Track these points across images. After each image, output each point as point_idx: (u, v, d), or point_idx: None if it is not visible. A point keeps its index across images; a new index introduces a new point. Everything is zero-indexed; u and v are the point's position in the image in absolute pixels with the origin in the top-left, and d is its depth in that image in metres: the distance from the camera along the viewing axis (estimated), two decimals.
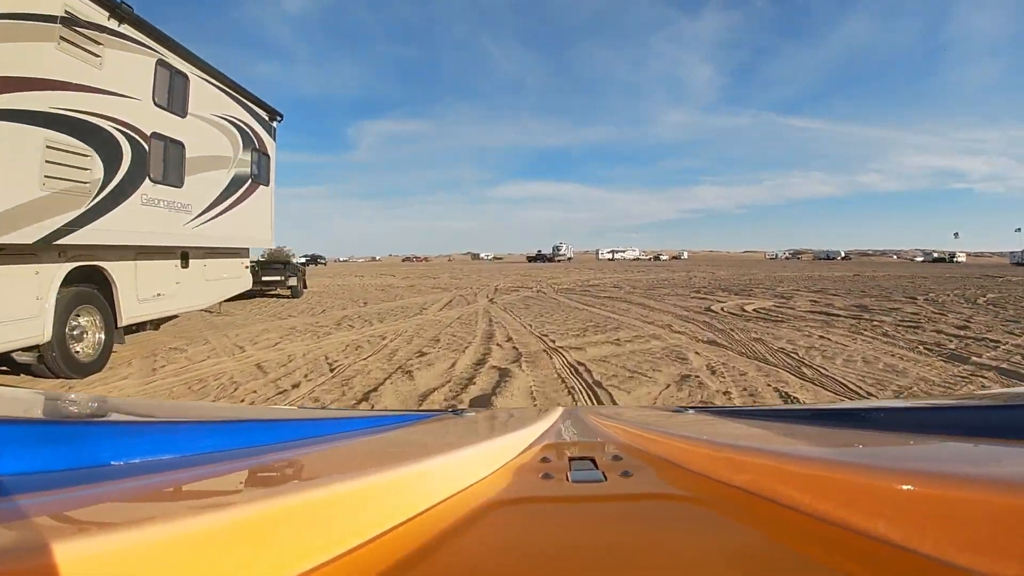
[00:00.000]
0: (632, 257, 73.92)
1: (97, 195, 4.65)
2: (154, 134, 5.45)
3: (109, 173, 4.77)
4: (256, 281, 10.34)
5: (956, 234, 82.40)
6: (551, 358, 5.22)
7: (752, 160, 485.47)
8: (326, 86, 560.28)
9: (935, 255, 60.42)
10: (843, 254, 75.72)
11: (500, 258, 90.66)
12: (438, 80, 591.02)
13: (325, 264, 51.69)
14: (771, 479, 0.46)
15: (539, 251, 68.65)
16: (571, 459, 0.63)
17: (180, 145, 5.95)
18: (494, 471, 0.58)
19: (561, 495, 0.52)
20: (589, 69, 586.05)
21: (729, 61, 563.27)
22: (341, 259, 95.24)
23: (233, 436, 0.66)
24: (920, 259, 62.87)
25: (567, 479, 0.55)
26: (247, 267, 8.50)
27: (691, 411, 1.20)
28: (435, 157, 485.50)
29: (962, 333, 6.21)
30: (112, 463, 0.46)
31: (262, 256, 13.07)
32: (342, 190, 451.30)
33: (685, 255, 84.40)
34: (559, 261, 61.76)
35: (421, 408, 3.60)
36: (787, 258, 79.58)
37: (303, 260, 54.34)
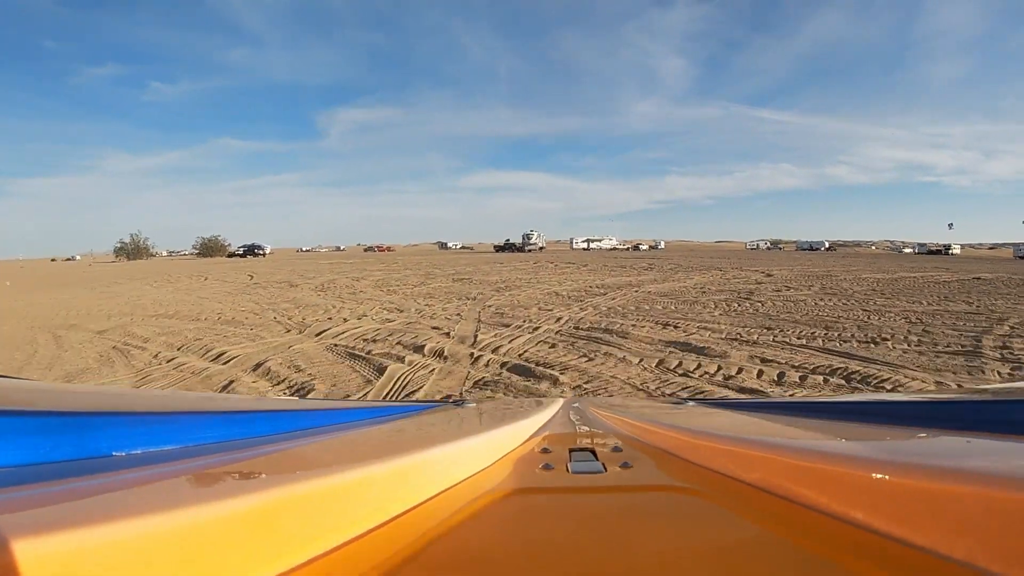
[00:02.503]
0: (609, 247, 70.51)
1: None
2: None
3: None
4: None
5: (951, 225, 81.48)
6: None
7: (722, 152, 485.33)
8: (297, 72, 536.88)
9: (929, 248, 58.02)
10: (827, 245, 73.43)
11: (469, 247, 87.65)
12: (409, 67, 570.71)
13: (264, 255, 47.85)
14: (770, 472, 0.46)
15: (507, 240, 64.87)
16: (571, 450, 0.64)
17: None
18: (494, 462, 0.60)
19: (561, 486, 0.52)
20: (561, 58, 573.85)
21: (700, 53, 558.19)
22: (304, 248, 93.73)
23: (233, 427, 0.66)
24: (909, 251, 60.66)
25: (567, 470, 0.56)
26: None
27: (691, 403, 1.27)
28: (406, 145, 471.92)
29: None
30: (112, 454, 0.45)
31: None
32: (311, 178, 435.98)
33: (662, 245, 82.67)
34: (529, 251, 57.73)
35: (422, 399, 3.69)
36: (768, 248, 77.22)
37: (240, 251, 44.22)
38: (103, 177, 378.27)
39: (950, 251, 54.00)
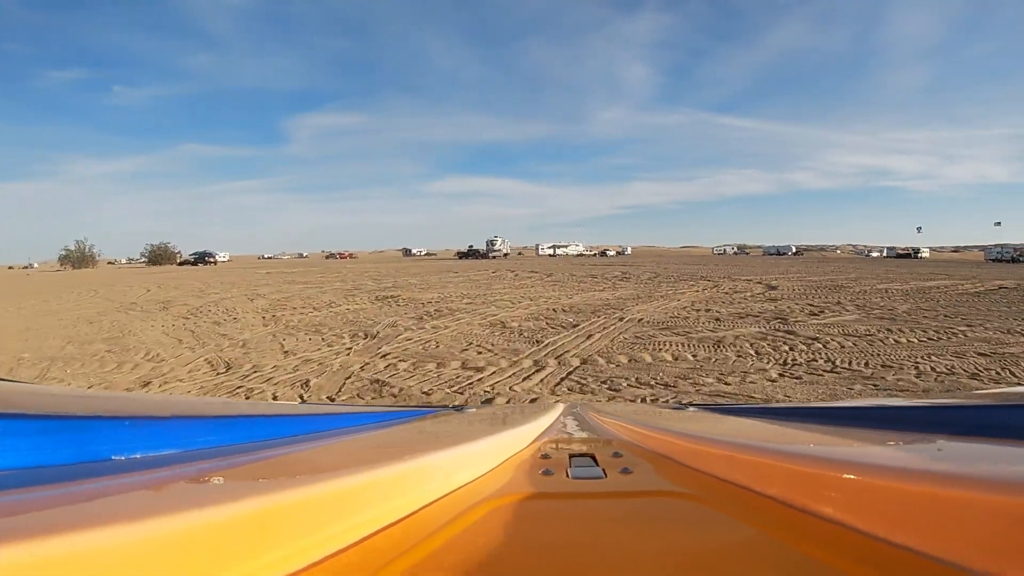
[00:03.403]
0: (576, 253, 68.74)
1: None
2: None
3: None
4: None
5: (919, 228, 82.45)
6: None
7: (687, 158, 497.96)
8: (263, 77, 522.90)
9: (898, 251, 57.85)
10: (794, 249, 73.31)
11: (434, 254, 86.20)
12: (376, 73, 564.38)
13: (215, 263, 46.02)
14: (771, 477, 0.46)
15: (471, 246, 62.67)
16: (571, 456, 0.64)
17: None
18: (494, 467, 0.60)
19: (561, 492, 0.52)
20: (528, 66, 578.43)
21: (665, 61, 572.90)
22: (266, 256, 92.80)
23: (234, 431, 0.66)
24: (876, 255, 60.50)
25: (567, 475, 0.56)
26: None
27: (691, 408, 1.19)
28: (373, 151, 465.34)
29: None
30: (111, 458, 0.45)
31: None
32: (277, 184, 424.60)
33: (628, 250, 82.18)
34: (494, 258, 54.89)
35: (422, 404, 3.65)
36: (735, 253, 76.96)
37: (191, 259, 43.83)
38: (65, 182, 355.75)
39: (919, 255, 53.80)
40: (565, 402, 1.70)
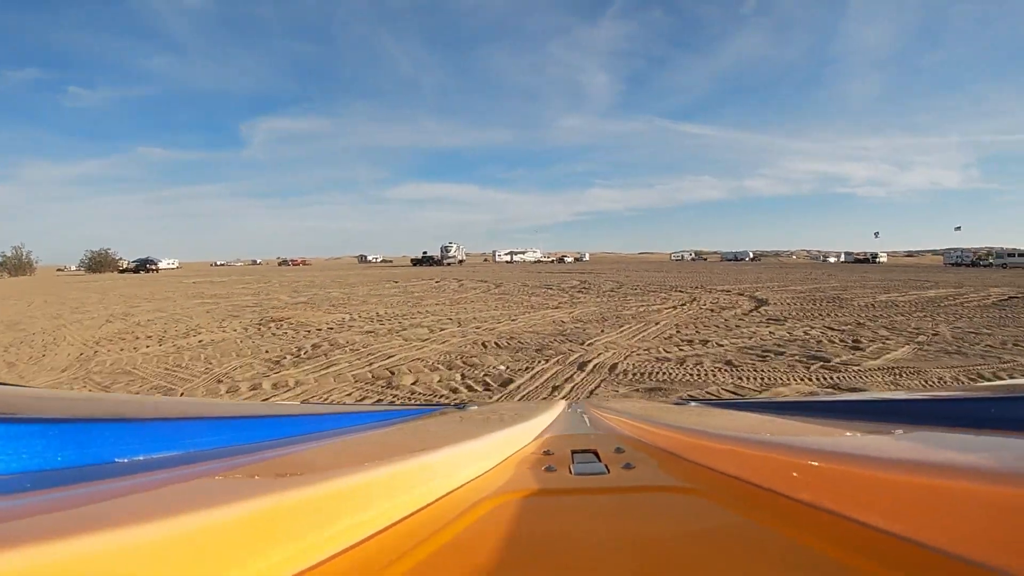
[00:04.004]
0: (533, 259, 66.96)
1: None
2: None
3: None
4: None
5: (876, 233, 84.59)
6: None
7: (645, 165, 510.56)
8: (222, 80, 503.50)
9: (855, 256, 58.43)
10: (751, 255, 73.65)
11: (389, 260, 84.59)
12: (336, 78, 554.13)
13: (156, 271, 44.78)
14: (773, 471, 0.46)
15: (424, 252, 60.36)
16: (574, 452, 0.64)
17: None
18: (497, 464, 0.60)
19: (564, 488, 0.52)
20: (489, 72, 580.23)
21: (625, 69, 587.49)
22: (219, 263, 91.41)
23: (236, 432, 0.66)
24: (833, 260, 61.14)
25: (570, 472, 0.56)
26: None
27: (693, 403, 1.23)
28: (331, 156, 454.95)
29: None
30: (114, 460, 0.45)
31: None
32: (234, 189, 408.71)
33: (586, 256, 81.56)
34: (448, 264, 52.13)
35: (424, 403, 3.58)
36: (692, 259, 77.22)
37: (132, 266, 43.71)
38: (21, 186, 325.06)
39: (877, 259, 54.53)
40: (567, 399, 1.60)
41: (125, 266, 48.41)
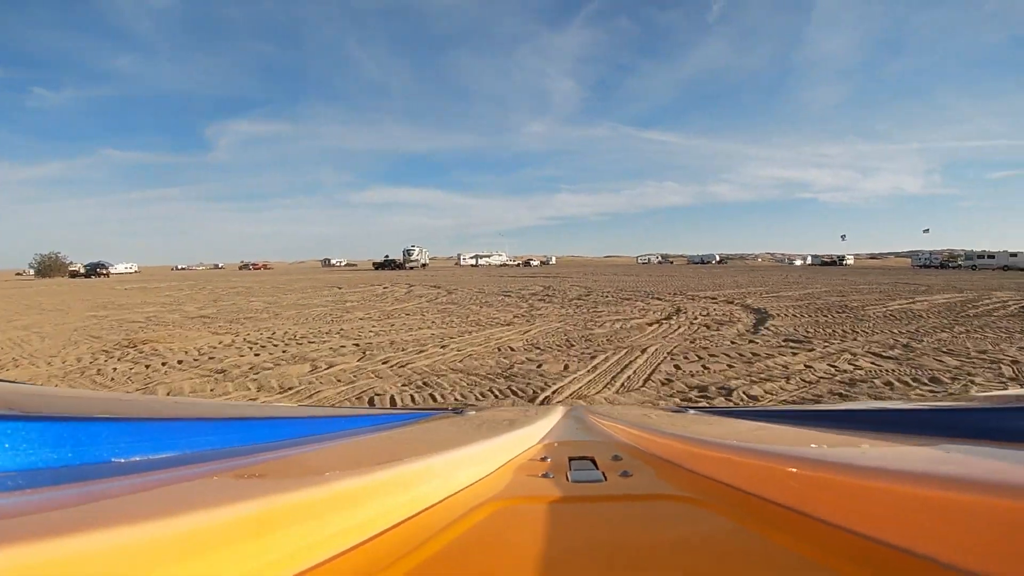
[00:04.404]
0: (498, 263, 65.16)
1: None
2: None
3: None
4: None
5: (843, 236, 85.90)
6: None
7: (611, 170, 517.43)
8: (187, 82, 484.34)
9: (823, 259, 58.70)
10: (717, 258, 73.61)
11: (354, 264, 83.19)
12: (303, 80, 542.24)
13: (107, 275, 43.51)
14: (770, 480, 0.46)
15: (386, 256, 57.89)
16: (571, 459, 0.63)
17: None
18: (494, 470, 0.59)
19: (560, 495, 0.51)
20: (456, 77, 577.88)
21: (591, 76, 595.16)
22: (180, 267, 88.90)
23: (234, 433, 0.66)
24: (799, 263, 61.36)
25: (567, 478, 0.56)
26: None
27: (691, 411, 1.20)
28: (297, 159, 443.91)
29: None
30: (111, 460, 0.45)
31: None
32: (198, 192, 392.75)
33: (553, 260, 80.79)
34: (411, 268, 49.66)
35: (422, 407, 3.50)
36: (659, 262, 76.96)
37: (83, 270, 43.55)
38: None
39: (844, 262, 54.91)
40: (565, 405, 1.56)
41: (76, 270, 46.30)
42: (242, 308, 11.14)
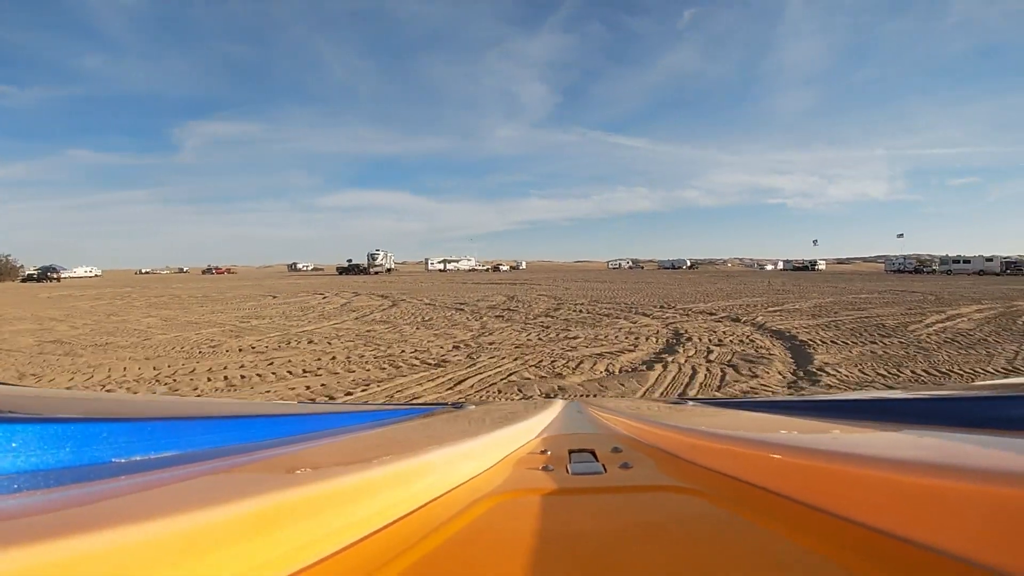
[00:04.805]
0: (467, 268, 62.55)
1: None
2: None
3: None
4: None
5: (815, 241, 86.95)
6: None
7: (580, 175, 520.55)
8: (156, 81, 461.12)
9: (795, 264, 58.75)
10: (689, 263, 73.11)
11: (321, 268, 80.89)
12: (271, 82, 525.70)
13: (58, 280, 40.98)
14: (769, 470, 0.46)
15: (349, 260, 55.05)
16: (571, 451, 0.63)
17: None
18: (494, 464, 0.60)
19: (561, 487, 0.51)
20: (425, 80, 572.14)
21: (560, 80, 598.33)
22: (144, 271, 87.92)
23: (233, 432, 0.66)
24: (770, 267, 61.26)
25: (567, 471, 0.56)
26: None
27: (690, 403, 1.19)
28: (266, 162, 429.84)
29: None
30: (111, 460, 0.45)
31: None
32: (165, 194, 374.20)
33: (523, 265, 79.74)
34: (376, 273, 46.86)
35: (421, 403, 3.38)
36: (630, 267, 76.01)
37: (35, 274, 42.42)
38: None
39: (816, 267, 55.15)
40: (565, 398, 1.42)
41: (31, 274, 44.31)
42: (120, 329, 8.33)
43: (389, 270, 52.69)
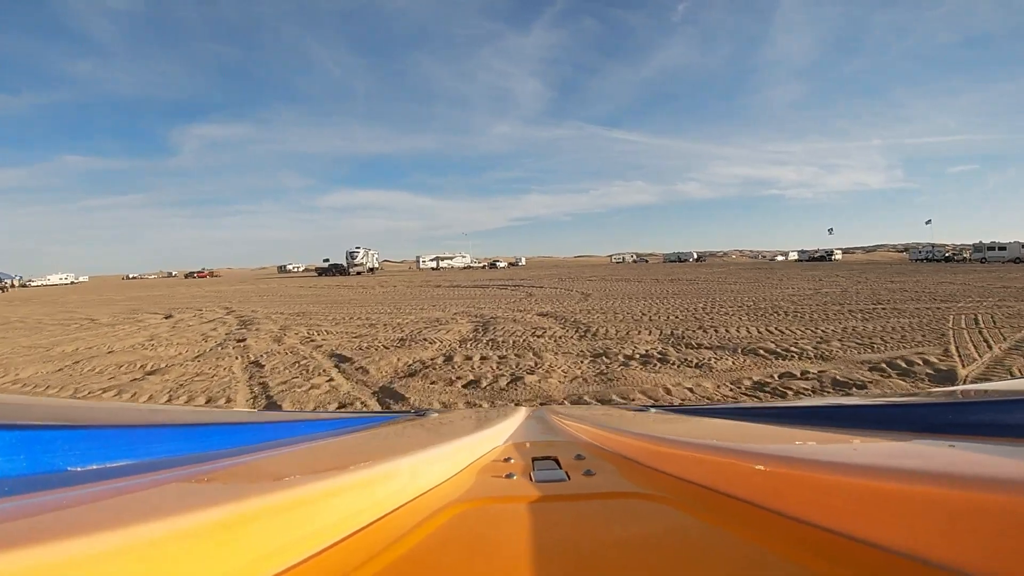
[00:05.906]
0: (462, 265, 57.99)
1: None
2: None
3: None
4: None
5: (831, 230, 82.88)
6: None
7: (577, 170, 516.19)
8: (148, 86, 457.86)
9: (811, 255, 54.74)
10: (696, 256, 68.58)
11: (311, 269, 78.40)
12: (265, 83, 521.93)
13: (5, 291, 39.60)
14: (733, 476, 0.46)
15: (326, 260, 50.32)
16: (534, 459, 0.63)
17: None
18: (458, 472, 0.59)
19: (524, 495, 0.51)
20: (419, 78, 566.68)
21: (555, 76, 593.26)
22: (132, 276, 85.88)
23: (193, 440, 0.65)
24: (781, 258, 57.01)
25: (530, 479, 0.56)
26: None
27: (653, 410, 1.19)
28: (260, 163, 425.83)
29: None
30: (67, 469, 0.44)
31: None
32: (159, 198, 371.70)
33: (523, 261, 76.62)
34: (358, 273, 42.08)
35: (385, 410, 3.56)
36: (634, 261, 71.67)
37: None
38: None
39: (832, 257, 52.19)
40: (528, 406, 1.45)
41: None
42: None
43: (372, 269, 47.82)
